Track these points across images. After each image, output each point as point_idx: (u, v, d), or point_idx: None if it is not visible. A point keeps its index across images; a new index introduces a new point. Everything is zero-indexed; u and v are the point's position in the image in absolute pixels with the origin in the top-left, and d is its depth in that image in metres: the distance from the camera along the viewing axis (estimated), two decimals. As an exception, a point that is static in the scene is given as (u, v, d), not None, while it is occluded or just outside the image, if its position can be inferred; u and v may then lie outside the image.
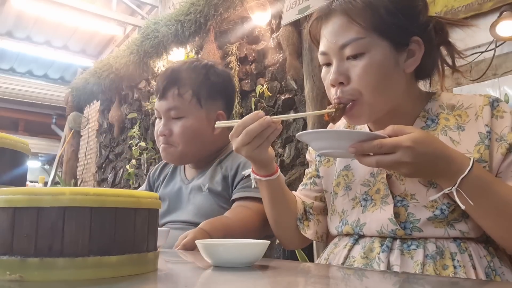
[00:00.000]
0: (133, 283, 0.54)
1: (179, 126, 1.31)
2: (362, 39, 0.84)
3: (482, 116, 0.86)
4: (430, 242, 0.82)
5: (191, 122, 1.32)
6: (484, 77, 2.25)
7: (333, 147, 0.80)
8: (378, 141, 0.72)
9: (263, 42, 3.30)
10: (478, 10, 2.28)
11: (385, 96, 0.87)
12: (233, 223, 1.13)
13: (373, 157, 0.75)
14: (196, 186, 1.34)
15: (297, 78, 2.89)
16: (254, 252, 0.70)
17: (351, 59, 0.86)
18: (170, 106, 1.32)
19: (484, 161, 0.82)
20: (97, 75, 4.78)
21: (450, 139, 0.87)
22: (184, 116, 1.32)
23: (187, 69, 1.36)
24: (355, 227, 0.91)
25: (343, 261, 0.89)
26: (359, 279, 0.66)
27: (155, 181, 1.54)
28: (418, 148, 0.71)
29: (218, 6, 3.26)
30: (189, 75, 1.35)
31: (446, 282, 0.62)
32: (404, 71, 0.88)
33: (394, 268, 0.81)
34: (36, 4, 5.43)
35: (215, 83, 1.37)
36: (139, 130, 4.61)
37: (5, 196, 0.54)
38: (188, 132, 1.32)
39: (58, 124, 9.08)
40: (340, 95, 0.87)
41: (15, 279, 0.51)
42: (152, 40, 3.90)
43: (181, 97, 1.32)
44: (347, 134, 0.82)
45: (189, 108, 1.32)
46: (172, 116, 1.32)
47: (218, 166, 1.35)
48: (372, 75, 0.84)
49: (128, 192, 0.59)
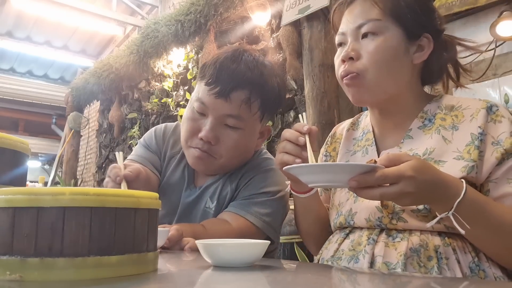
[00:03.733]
0: (133, 283, 0.54)
1: (232, 138, 1.10)
2: (379, 21, 0.91)
3: (476, 118, 0.87)
4: (414, 235, 0.84)
5: (246, 135, 1.12)
6: (484, 77, 2.26)
7: (329, 181, 0.75)
8: (381, 172, 0.69)
9: (263, 42, 3.30)
10: (473, 4, 2.28)
11: (389, 78, 0.91)
12: (205, 235, 1.02)
13: (376, 190, 0.71)
14: (203, 198, 1.20)
15: (297, 78, 2.89)
16: (254, 252, 0.70)
17: (365, 38, 0.91)
18: (233, 113, 1.08)
19: (473, 161, 0.83)
20: (97, 75, 4.78)
21: (443, 137, 0.89)
22: (243, 128, 1.11)
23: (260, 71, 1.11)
24: (347, 216, 0.95)
25: (332, 254, 0.92)
26: (359, 279, 0.66)
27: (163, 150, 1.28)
28: (419, 177, 0.70)
29: (218, 6, 3.26)
30: (261, 80, 1.10)
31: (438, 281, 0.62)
32: (411, 62, 0.93)
33: (378, 259, 0.83)
34: (36, 4, 5.44)
35: (280, 94, 1.17)
36: (139, 130, 4.61)
37: (5, 196, 0.54)
38: (239, 147, 1.12)
39: (58, 124, 9.09)
40: (348, 68, 0.91)
41: (15, 279, 0.51)
42: (152, 40, 3.91)
43: (249, 106, 1.09)
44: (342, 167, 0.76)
45: (252, 120, 1.11)
46: (227, 123, 1.09)
47: (229, 181, 1.19)
48: (381, 54, 0.90)
49: (128, 192, 0.59)
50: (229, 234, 1.05)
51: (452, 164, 0.84)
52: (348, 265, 0.86)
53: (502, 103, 2.25)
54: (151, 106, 4.36)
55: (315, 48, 2.50)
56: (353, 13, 0.94)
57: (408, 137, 0.93)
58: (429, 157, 0.87)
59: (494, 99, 2.29)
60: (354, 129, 1.09)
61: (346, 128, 1.11)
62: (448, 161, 0.85)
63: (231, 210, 1.13)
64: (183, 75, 4.07)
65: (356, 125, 1.10)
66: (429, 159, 0.87)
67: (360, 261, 0.85)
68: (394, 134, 0.96)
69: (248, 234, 1.09)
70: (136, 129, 4.64)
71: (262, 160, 1.23)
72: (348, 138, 1.08)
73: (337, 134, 1.14)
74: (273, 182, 1.18)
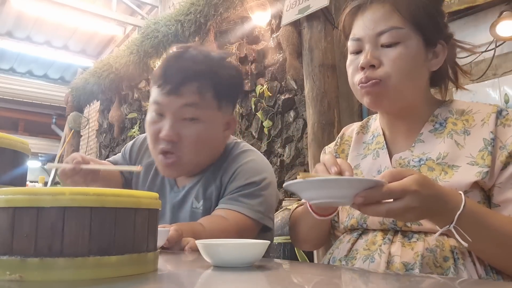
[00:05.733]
0: (133, 283, 0.54)
1: (193, 130, 1.11)
2: (400, 29, 0.89)
3: (488, 123, 0.87)
4: (430, 236, 0.83)
5: (208, 127, 1.12)
6: (484, 77, 2.26)
7: (332, 196, 0.72)
8: (387, 187, 0.69)
9: (263, 42, 3.30)
10: (472, 2, 2.28)
11: (411, 85, 0.91)
12: (204, 233, 1.02)
13: (382, 206, 0.70)
14: (187, 199, 1.20)
15: (297, 78, 2.89)
16: (254, 252, 0.70)
17: (385, 47, 0.89)
18: (187, 103, 1.09)
19: (487, 166, 0.82)
20: (97, 75, 4.78)
21: (455, 142, 0.88)
22: (201, 119, 1.11)
23: (206, 60, 1.13)
24: (360, 219, 0.94)
25: (346, 254, 0.92)
26: (360, 279, 0.66)
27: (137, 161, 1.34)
28: (423, 191, 0.69)
29: (218, 6, 3.26)
30: (210, 68, 1.12)
31: (447, 282, 0.62)
32: (429, 69, 0.93)
33: (395, 258, 0.82)
34: (36, 4, 5.44)
35: (234, 82, 1.19)
36: (139, 130, 4.61)
37: (5, 196, 0.54)
38: (203, 139, 1.12)
39: (58, 124, 9.09)
40: (369, 75, 0.89)
41: (15, 279, 0.51)
42: (152, 40, 3.90)
43: (202, 96, 1.10)
44: (348, 181, 0.72)
45: (208, 109, 1.12)
46: (185, 117, 1.11)
47: (212, 178, 1.20)
48: (404, 62, 0.88)
49: (128, 192, 0.59)
50: (228, 229, 1.06)
51: (466, 169, 0.84)
52: (363, 264, 0.86)
53: (502, 103, 2.25)
54: (151, 106, 4.36)
55: (315, 48, 2.50)
56: (372, 18, 0.91)
57: (419, 141, 0.93)
58: (443, 162, 0.87)
59: (494, 99, 2.29)
60: (364, 133, 1.08)
61: (356, 130, 1.09)
62: (462, 166, 0.85)
63: (224, 207, 1.13)
64: (183, 75, 4.07)
65: (365, 128, 1.09)
66: (443, 164, 0.87)
67: (376, 261, 0.84)
68: (405, 138, 0.96)
69: (245, 227, 1.11)
70: (136, 129, 4.64)
71: (240, 152, 1.23)
72: (358, 142, 1.07)
73: (346, 136, 1.12)
74: (256, 172, 1.18)
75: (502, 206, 0.83)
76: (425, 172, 0.88)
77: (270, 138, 3.08)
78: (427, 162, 0.89)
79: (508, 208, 0.82)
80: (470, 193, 0.83)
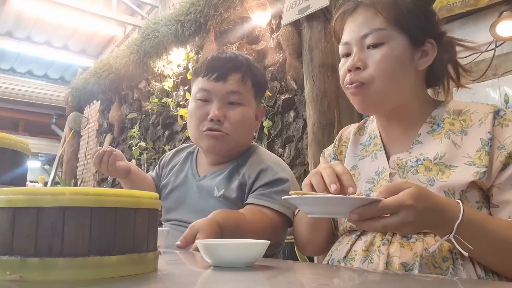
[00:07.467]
0: (133, 283, 0.54)
1: (238, 112, 1.26)
2: (384, 30, 0.91)
3: (485, 123, 0.87)
4: (429, 236, 0.83)
5: (248, 111, 1.28)
6: (484, 77, 2.26)
7: (330, 212, 0.77)
8: (382, 203, 0.69)
9: (263, 42, 3.30)
10: (474, 5, 2.28)
11: (395, 87, 0.92)
12: (246, 223, 1.09)
13: (378, 222, 0.71)
14: (208, 187, 1.28)
15: (297, 78, 2.89)
16: (254, 252, 0.70)
17: (371, 48, 0.92)
18: (233, 90, 1.25)
19: (485, 166, 0.83)
20: (97, 75, 4.77)
21: (453, 142, 0.88)
22: (244, 103, 1.27)
23: (245, 58, 1.33)
24: None
25: (345, 255, 0.92)
26: (360, 279, 0.66)
27: (164, 167, 1.48)
28: (419, 205, 0.70)
29: (218, 6, 3.26)
30: (248, 64, 1.31)
31: (446, 282, 0.62)
32: (416, 68, 0.93)
33: (394, 259, 0.82)
34: (36, 4, 5.44)
35: (263, 77, 1.38)
36: (139, 130, 4.61)
37: (5, 196, 0.54)
38: (245, 121, 1.27)
39: (58, 124, 9.09)
40: (354, 77, 0.92)
41: (15, 279, 0.51)
42: (152, 40, 3.90)
43: (244, 84, 1.27)
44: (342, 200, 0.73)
45: (248, 97, 1.29)
46: (231, 101, 1.26)
47: (236, 171, 1.28)
48: (388, 64, 0.90)
49: (128, 192, 0.59)
50: (265, 223, 1.14)
51: (463, 169, 0.84)
52: (362, 265, 0.86)
53: (502, 103, 2.25)
54: (151, 106, 4.36)
55: (315, 48, 2.50)
56: (356, 23, 0.94)
57: (417, 142, 0.93)
58: (440, 162, 0.87)
59: (494, 99, 2.29)
60: (361, 134, 1.09)
61: (353, 132, 1.10)
62: (459, 166, 0.85)
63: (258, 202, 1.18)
64: (183, 75, 4.06)
65: (362, 130, 1.09)
66: (440, 164, 0.87)
67: (375, 261, 0.84)
68: (403, 139, 0.96)
69: (279, 223, 1.18)
70: (136, 129, 4.63)
71: (264, 152, 1.35)
72: (355, 143, 1.08)
73: (344, 137, 1.13)
74: (282, 169, 1.27)
75: (501, 206, 0.83)
76: (422, 172, 0.88)
77: (270, 138, 3.08)
78: (424, 162, 0.89)
79: (507, 209, 0.82)
80: (468, 193, 0.83)
